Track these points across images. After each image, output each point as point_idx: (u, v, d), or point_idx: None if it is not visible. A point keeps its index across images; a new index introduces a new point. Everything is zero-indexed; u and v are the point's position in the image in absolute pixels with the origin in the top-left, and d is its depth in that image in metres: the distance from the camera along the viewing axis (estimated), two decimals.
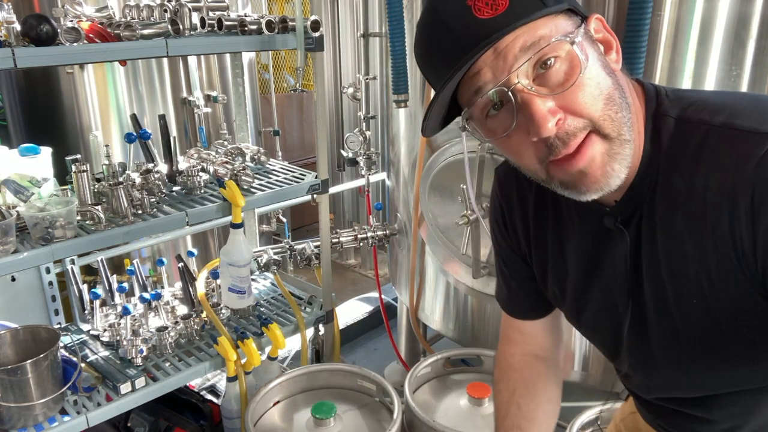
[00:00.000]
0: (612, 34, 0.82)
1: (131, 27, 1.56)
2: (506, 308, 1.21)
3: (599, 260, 0.95)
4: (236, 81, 2.31)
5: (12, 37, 1.39)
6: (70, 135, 2.71)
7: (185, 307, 2.07)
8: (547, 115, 0.75)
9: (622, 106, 0.79)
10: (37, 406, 1.55)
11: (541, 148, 0.79)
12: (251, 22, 1.77)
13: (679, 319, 0.86)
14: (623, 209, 0.87)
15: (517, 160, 0.85)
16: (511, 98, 0.77)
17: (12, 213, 1.54)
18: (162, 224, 1.73)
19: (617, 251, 0.90)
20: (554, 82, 0.77)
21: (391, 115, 2.34)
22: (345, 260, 4.58)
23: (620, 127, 0.78)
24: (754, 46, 1.50)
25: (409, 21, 2.05)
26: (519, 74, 0.76)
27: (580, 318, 1.04)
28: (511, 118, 0.79)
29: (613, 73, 0.80)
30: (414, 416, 1.72)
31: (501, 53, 0.76)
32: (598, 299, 0.98)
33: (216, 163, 2.02)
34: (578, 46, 0.76)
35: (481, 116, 0.84)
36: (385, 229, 2.46)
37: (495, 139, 0.85)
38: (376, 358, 3.04)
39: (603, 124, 0.78)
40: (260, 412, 1.83)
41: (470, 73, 0.79)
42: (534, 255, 1.07)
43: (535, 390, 1.19)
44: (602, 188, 0.80)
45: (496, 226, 1.13)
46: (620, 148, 0.79)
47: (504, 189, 1.09)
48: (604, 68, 0.79)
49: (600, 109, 0.77)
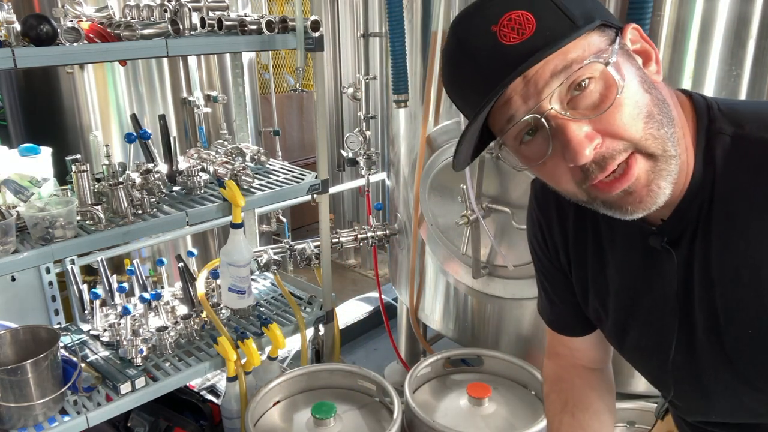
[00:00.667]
0: (650, 43, 0.78)
1: (131, 27, 1.56)
2: (551, 325, 1.17)
3: (644, 281, 0.91)
4: (236, 81, 2.31)
5: (12, 37, 1.38)
6: (70, 135, 2.71)
7: (185, 307, 2.07)
8: (584, 141, 0.72)
9: (663, 122, 0.75)
10: (37, 406, 1.55)
11: (577, 174, 0.76)
12: (251, 22, 1.77)
13: (730, 342, 0.82)
14: (671, 229, 0.83)
15: (555, 185, 0.82)
16: (545, 124, 0.73)
17: (12, 213, 1.54)
18: (162, 224, 1.73)
19: (665, 271, 0.86)
20: (589, 104, 0.73)
21: (391, 115, 2.34)
22: (345, 260, 4.58)
23: (664, 144, 0.74)
24: (754, 46, 1.49)
25: (409, 21, 2.05)
26: (551, 99, 0.72)
27: (623, 341, 1.00)
28: (546, 144, 0.75)
29: (653, 87, 0.76)
30: (414, 416, 1.72)
31: (531, 80, 0.72)
32: (644, 321, 0.94)
33: (216, 163, 2.02)
34: (613, 66, 0.72)
35: (515, 143, 0.80)
36: (385, 229, 2.46)
37: (531, 166, 0.81)
38: (376, 358, 3.03)
39: (646, 144, 0.73)
40: (260, 412, 1.83)
41: (500, 102, 0.75)
42: (574, 274, 1.03)
43: (588, 399, 1.13)
44: (648, 207, 0.77)
45: (534, 242, 1.09)
46: (666, 165, 0.75)
47: (542, 204, 1.05)
48: (643, 84, 0.75)
49: (641, 129, 0.73)
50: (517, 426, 1.75)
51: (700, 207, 0.80)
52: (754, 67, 1.51)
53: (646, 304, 0.93)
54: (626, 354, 1.04)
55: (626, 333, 0.99)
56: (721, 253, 0.80)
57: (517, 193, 1.79)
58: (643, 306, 0.93)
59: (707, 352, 0.86)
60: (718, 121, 0.79)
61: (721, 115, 0.80)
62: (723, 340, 0.83)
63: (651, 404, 1.74)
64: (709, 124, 0.80)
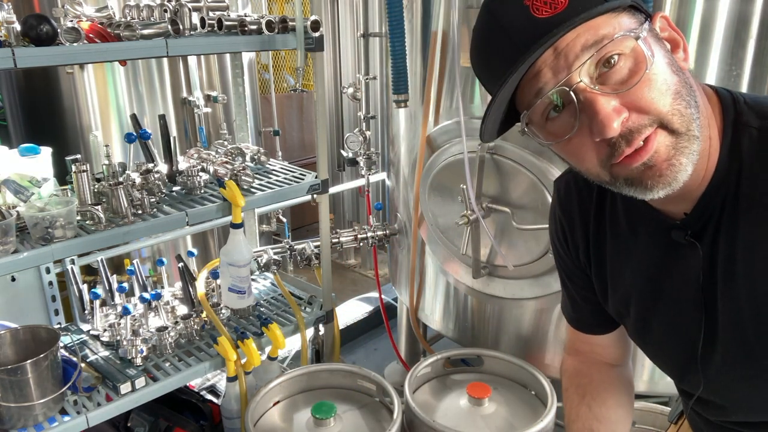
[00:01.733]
0: (679, 32, 0.79)
1: (131, 27, 1.56)
2: (572, 323, 1.18)
3: (666, 275, 0.90)
4: (236, 81, 2.31)
5: (12, 37, 1.38)
6: (70, 135, 2.71)
7: (185, 307, 2.07)
8: (611, 114, 0.72)
9: (690, 103, 0.75)
10: (37, 406, 1.54)
11: (603, 150, 0.76)
12: (251, 22, 1.77)
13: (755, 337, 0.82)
14: (695, 222, 0.83)
15: (578, 163, 0.82)
16: (573, 98, 0.73)
17: (12, 213, 1.54)
18: (162, 224, 1.73)
19: (688, 265, 0.86)
20: (618, 79, 0.73)
21: (391, 115, 2.34)
22: (345, 260, 4.58)
23: (689, 123, 0.74)
24: (754, 46, 1.50)
25: (409, 21, 2.05)
26: (581, 73, 0.73)
27: (646, 337, 1.00)
28: (573, 120, 0.75)
29: (680, 71, 0.76)
30: (414, 416, 1.72)
31: (561, 52, 0.73)
32: (667, 317, 0.94)
33: (216, 163, 2.02)
34: (643, 42, 0.72)
35: (541, 119, 0.80)
36: (385, 229, 2.46)
37: (556, 143, 0.80)
38: (376, 358, 3.03)
39: (672, 119, 0.73)
40: (260, 412, 1.83)
41: (529, 75, 0.75)
42: (594, 272, 1.03)
43: (606, 393, 1.14)
44: (669, 183, 0.76)
45: (556, 241, 1.10)
46: (688, 143, 0.75)
47: (564, 203, 1.05)
48: (671, 65, 0.75)
49: (668, 104, 0.73)
50: (517, 426, 1.75)
51: (724, 199, 0.80)
52: (754, 67, 1.51)
53: (670, 300, 0.92)
54: (649, 351, 1.03)
55: (649, 329, 0.99)
56: (748, 247, 0.79)
57: (517, 193, 1.79)
58: (666, 302, 0.93)
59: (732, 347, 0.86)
60: (744, 114, 0.79)
61: (748, 108, 0.80)
62: (747, 335, 0.83)
63: (651, 404, 1.74)
64: (736, 116, 0.79)
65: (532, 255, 1.82)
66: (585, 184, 0.99)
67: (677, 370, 1.00)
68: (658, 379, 1.80)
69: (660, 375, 1.80)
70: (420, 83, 2.06)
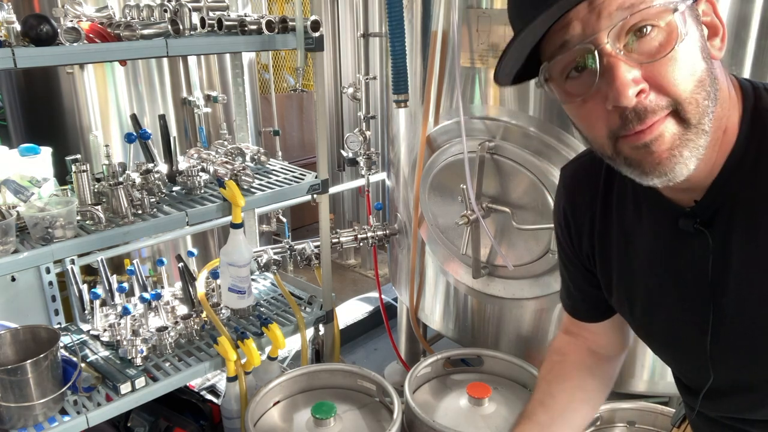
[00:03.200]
0: (721, 20, 0.76)
1: (131, 27, 1.56)
2: (565, 307, 1.19)
3: (674, 265, 0.89)
4: (236, 81, 2.31)
5: (12, 37, 1.38)
6: (70, 135, 2.71)
7: (185, 307, 2.07)
8: (629, 83, 0.70)
9: (710, 95, 0.73)
10: (37, 406, 1.54)
11: (614, 120, 0.73)
12: (251, 22, 1.77)
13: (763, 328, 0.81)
14: (705, 209, 0.81)
15: (587, 129, 0.80)
16: (596, 59, 0.71)
17: (12, 213, 1.54)
18: (162, 224, 1.73)
19: (696, 255, 0.84)
20: (646, 50, 0.70)
21: (391, 115, 2.34)
22: (345, 260, 4.58)
23: (702, 116, 0.72)
24: (754, 46, 1.49)
25: (409, 21, 2.05)
26: (610, 34, 0.70)
27: (651, 330, 0.99)
28: (592, 81, 0.73)
29: (710, 60, 0.74)
30: (414, 416, 1.72)
31: (596, 8, 0.70)
32: (673, 307, 0.92)
33: (216, 163, 2.02)
34: (680, 17, 0.69)
35: (560, 76, 0.77)
36: (385, 229, 2.46)
37: (570, 103, 0.79)
38: (376, 358, 3.04)
39: (688, 107, 0.72)
40: (260, 412, 1.83)
41: (558, 25, 0.73)
42: (599, 262, 1.02)
43: (569, 374, 1.16)
44: (665, 173, 0.74)
45: (559, 229, 1.09)
46: (695, 137, 0.73)
47: (569, 192, 1.04)
48: (703, 51, 0.73)
49: (689, 89, 0.71)
50: None
51: (738, 187, 0.78)
52: (754, 67, 1.51)
53: (677, 290, 0.90)
54: (654, 343, 1.02)
55: (655, 322, 0.98)
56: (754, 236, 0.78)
57: (517, 193, 1.79)
58: (673, 292, 0.91)
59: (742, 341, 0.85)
60: (764, 100, 0.78)
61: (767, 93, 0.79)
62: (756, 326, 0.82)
63: (651, 404, 1.74)
64: (756, 101, 0.78)
65: (532, 255, 1.82)
66: (592, 173, 0.98)
67: (685, 363, 0.99)
68: (658, 379, 1.80)
69: (660, 375, 1.80)
70: (420, 83, 2.06)
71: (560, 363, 1.18)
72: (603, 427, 1.74)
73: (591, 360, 1.18)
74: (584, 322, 1.17)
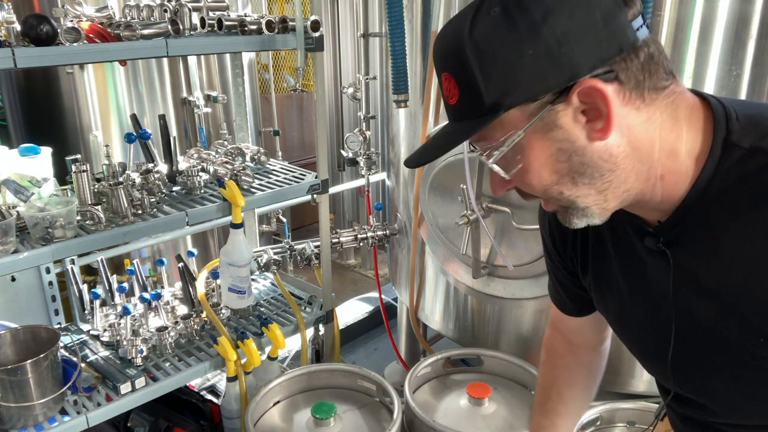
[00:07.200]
0: (606, 101, 0.73)
1: (131, 27, 1.56)
2: (553, 301, 1.23)
3: (641, 278, 0.92)
4: (236, 81, 2.31)
5: (12, 37, 1.38)
6: (70, 135, 2.71)
7: (185, 307, 2.07)
8: (496, 187, 0.85)
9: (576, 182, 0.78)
10: (37, 406, 1.55)
11: None
12: (251, 22, 1.77)
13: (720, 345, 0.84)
14: (666, 231, 0.84)
15: None
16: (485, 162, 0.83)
17: (12, 213, 1.54)
18: (162, 224, 1.73)
19: (660, 271, 0.88)
20: (503, 167, 0.81)
21: (391, 115, 2.34)
22: (345, 260, 4.58)
23: (574, 200, 0.80)
24: (754, 46, 1.50)
25: (409, 21, 2.05)
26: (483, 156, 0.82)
27: (623, 334, 1.05)
28: None
29: (578, 153, 0.76)
30: (414, 416, 1.72)
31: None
32: (642, 317, 0.96)
33: (216, 163, 2.02)
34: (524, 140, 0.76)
35: None
36: (385, 229, 2.46)
37: None
38: (376, 358, 3.03)
39: (552, 199, 0.82)
40: (260, 412, 1.83)
41: None
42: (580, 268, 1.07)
43: (575, 379, 1.25)
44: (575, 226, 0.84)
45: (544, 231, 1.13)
46: (576, 210, 0.82)
47: None
48: (559, 154, 0.77)
49: (546, 189, 0.80)
50: (517, 426, 1.75)
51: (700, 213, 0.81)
52: (754, 67, 1.51)
53: (643, 305, 0.94)
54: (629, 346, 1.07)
55: (626, 332, 1.02)
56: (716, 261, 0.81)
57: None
58: (641, 303, 0.95)
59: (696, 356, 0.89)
60: (735, 133, 0.78)
61: (739, 126, 0.79)
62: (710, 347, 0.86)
63: (651, 404, 1.74)
64: (727, 135, 0.79)
65: (532, 255, 1.82)
66: None
67: (653, 370, 1.04)
68: None
69: None
70: (420, 83, 2.06)
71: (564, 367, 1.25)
72: (603, 427, 1.74)
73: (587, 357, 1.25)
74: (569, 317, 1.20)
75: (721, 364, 0.87)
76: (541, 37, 0.70)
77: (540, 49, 0.71)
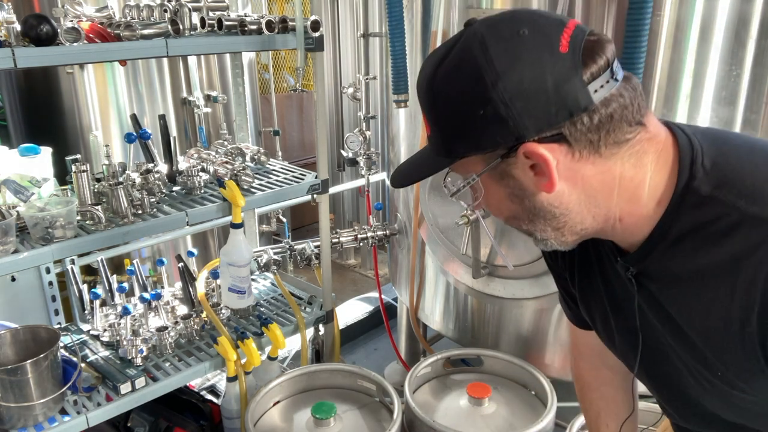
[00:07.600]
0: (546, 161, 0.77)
1: (131, 27, 1.56)
2: (567, 316, 1.25)
3: (618, 302, 0.98)
4: (236, 81, 2.31)
5: (12, 37, 1.38)
6: (70, 135, 2.71)
7: (185, 307, 2.07)
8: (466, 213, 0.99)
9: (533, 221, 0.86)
10: (37, 406, 1.55)
11: None
12: (251, 22, 1.77)
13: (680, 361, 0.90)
14: (635, 262, 0.89)
15: None
16: None
17: (12, 213, 1.54)
18: (162, 224, 1.73)
19: (629, 295, 0.93)
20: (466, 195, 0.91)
21: (391, 115, 2.34)
22: (345, 260, 4.58)
23: (532, 233, 0.88)
24: (754, 46, 1.50)
25: (409, 21, 2.05)
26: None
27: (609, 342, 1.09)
28: None
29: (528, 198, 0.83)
30: (414, 416, 1.72)
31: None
32: (617, 333, 1.02)
33: (216, 163, 2.02)
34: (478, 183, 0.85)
35: None
36: (385, 229, 2.46)
37: None
38: (376, 358, 3.03)
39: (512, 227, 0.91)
40: (260, 412, 1.83)
41: None
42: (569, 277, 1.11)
43: (616, 406, 1.29)
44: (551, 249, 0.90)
45: None
46: (535, 240, 0.90)
47: None
48: (512, 197, 0.85)
49: (505, 221, 0.91)
50: (517, 426, 1.75)
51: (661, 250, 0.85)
52: (754, 67, 1.51)
53: (619, 321, 1.00)
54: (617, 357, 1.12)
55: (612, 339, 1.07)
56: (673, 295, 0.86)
57: None
58: (617, 322, 1.01)
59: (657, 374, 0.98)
60: (697, 179, 0.80)
61: (703, 172, 0.80)
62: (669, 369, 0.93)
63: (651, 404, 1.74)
64: (689, 180, 0.80)
65: (532, 255, 1.82)
66: None
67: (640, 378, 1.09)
68: None
69: None
70: None
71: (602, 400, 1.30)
72: None
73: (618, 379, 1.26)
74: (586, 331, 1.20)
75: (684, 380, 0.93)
76: (491, 100, 0.75)
77: (489, 111, 0.76)
